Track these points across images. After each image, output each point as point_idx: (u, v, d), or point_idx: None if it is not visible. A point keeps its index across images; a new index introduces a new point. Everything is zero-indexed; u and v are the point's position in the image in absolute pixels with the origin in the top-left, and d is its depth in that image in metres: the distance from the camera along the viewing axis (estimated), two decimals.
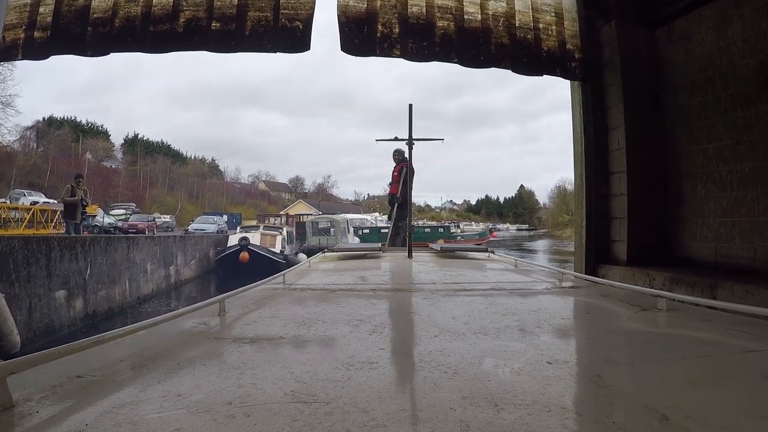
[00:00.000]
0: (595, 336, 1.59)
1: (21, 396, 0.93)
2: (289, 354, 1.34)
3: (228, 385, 1.01)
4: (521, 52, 4.21)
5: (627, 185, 4.23)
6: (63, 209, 11.35)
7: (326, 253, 4.55)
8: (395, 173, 6.82)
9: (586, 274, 4.24)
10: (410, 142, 4.62)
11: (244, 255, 17.52)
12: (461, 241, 28.55)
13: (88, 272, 10.91)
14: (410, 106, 4.46)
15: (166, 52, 3.97)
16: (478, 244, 24.47)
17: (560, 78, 4.45)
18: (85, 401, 0.93)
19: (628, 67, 4.39)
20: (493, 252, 4.46)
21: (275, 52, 3.87)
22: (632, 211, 4.22)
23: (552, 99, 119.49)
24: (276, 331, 1.54)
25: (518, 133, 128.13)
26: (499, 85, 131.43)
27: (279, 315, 1.82)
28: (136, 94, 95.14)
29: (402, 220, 6.50)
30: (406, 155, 4.96)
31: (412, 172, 5.45)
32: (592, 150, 4.43)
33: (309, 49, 3.84)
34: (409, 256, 4.31)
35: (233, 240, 19.44)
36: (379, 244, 5.93)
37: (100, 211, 24.59)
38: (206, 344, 1.40)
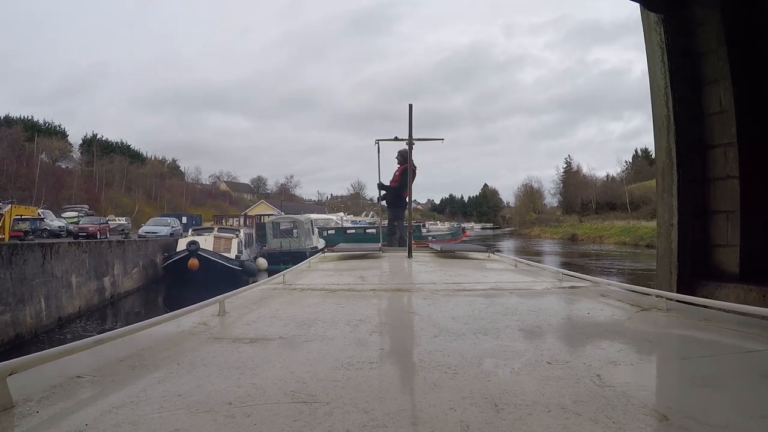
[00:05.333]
0: (595, 336, 1.53)
1: (21, 396, 0.91)
2: (289, 354, 1.33)
3: (228, 385, 1.00)
4: None
5: (738, 165, 2.90)
6: None
7: (326, 253, 4.61)
8: (397, 173, 6.71)
9: (678, 292, 2.92)
10: (410, 142, 4.59)
11: (194, 261, 15.36)
12: (435, 241, 27.36)
13: None
14: (410, 106, 4.42)
15: None
16: None
17: (636, 3, 3.07)
18: (85, 401, 0.93)
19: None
20: (493, 252, 4.41)
21: None
22: (746, 203, 2.90)
23: (509, 102, 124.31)
24: (276, 331, 1.53)
25: (477, 135, 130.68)
26: (456, 90, 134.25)
27: (279, 315, 1.82)
28: (102, 98, 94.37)
29: (398, 219, 6.39)
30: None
31: (413, 171, 5.31)
32: (684, 113, 3.07)
33: None
34: (409, 255, 4.26)
35: (182, 244, 17.09)
36: (379, 244, 6.00)
37: (49, 214, 22.42)
38: (206, 344, 1.38)
